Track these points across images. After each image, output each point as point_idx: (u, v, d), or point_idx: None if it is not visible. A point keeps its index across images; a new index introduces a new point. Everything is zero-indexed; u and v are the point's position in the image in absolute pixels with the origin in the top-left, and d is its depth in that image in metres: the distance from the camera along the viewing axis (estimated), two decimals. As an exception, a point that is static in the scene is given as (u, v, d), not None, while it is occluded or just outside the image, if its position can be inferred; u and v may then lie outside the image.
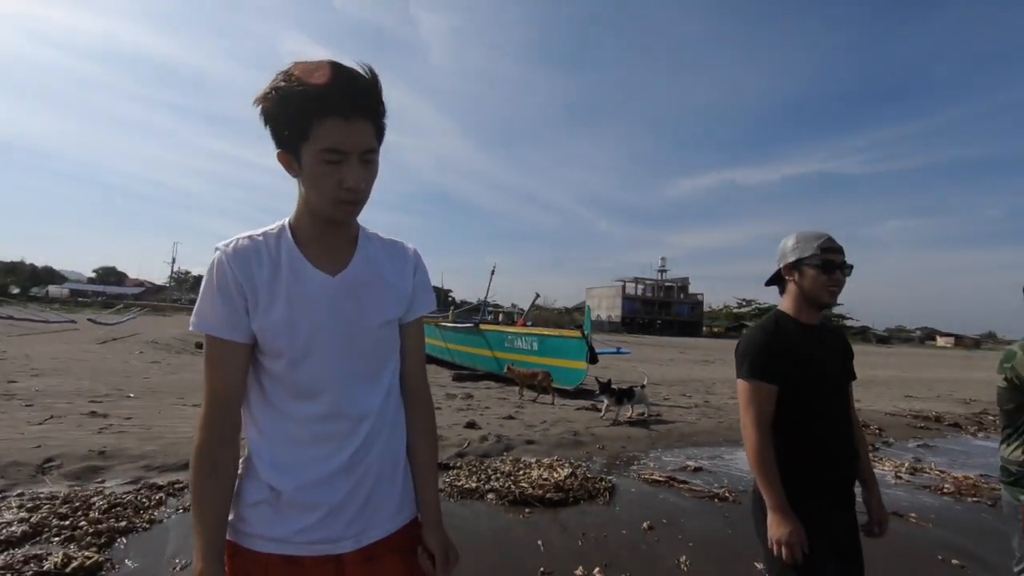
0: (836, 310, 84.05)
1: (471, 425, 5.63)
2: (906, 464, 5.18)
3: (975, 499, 4.26)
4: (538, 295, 12.45)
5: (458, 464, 4.35)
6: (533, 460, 4.54)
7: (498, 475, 4.05)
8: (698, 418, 7.03)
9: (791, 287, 1.79)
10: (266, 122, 1.02)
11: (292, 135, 0.99)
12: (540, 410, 7.08)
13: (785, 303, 1.81)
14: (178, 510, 3.20)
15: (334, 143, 0.97)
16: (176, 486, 3.55)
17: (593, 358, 8.64)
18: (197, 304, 1.07)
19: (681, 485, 4.17)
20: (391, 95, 1.04)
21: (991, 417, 8.64)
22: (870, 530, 1.78)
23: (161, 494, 3.38)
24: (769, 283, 1.90)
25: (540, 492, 3.69)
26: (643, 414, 6.68)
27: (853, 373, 1.84)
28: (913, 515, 3.80)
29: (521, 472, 4.13)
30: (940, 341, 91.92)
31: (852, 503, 1.76)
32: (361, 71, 0.99)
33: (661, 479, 4.28)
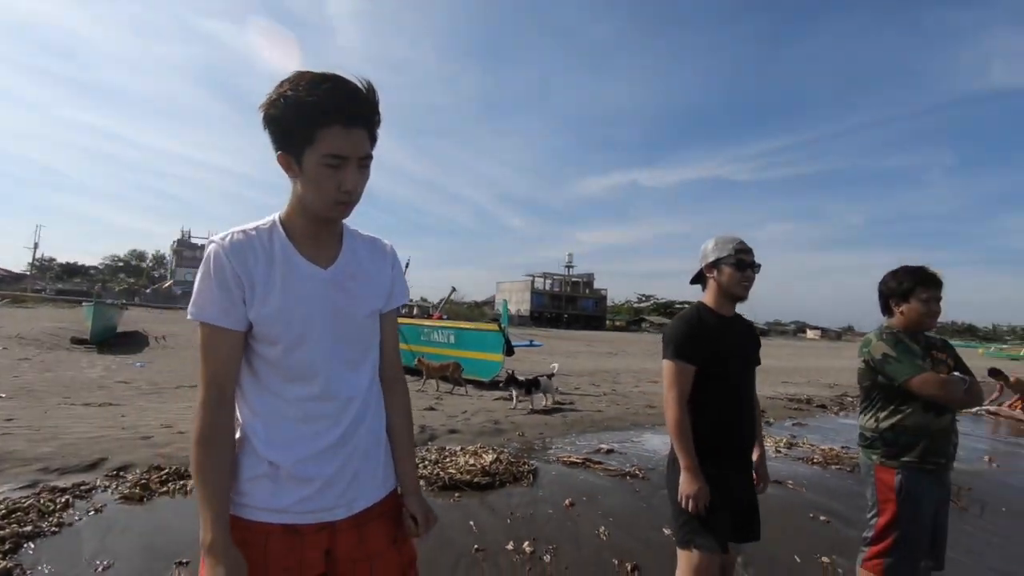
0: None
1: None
2: (784, 440, 5.90)
3: (838, 467, 4.98)
4: (454, 289, 12.58)
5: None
6: (458, 448, 4.69)
7: (426, 463, 4.16)
8: (607, 405, 7.52)
9: (711, 283, 2.09)
10: (270, 125, 1.10)
11: (297, 140, 1.08)
12: (459, 401, 7.23)
13: (706, 297, 2.11)
14: (89, 512, 3.02)
15: (336, 149, 1.07)
16: (82, 488, 3.33)
17: (509, 350, 8.92)
18: (195, 295, 1.12)
19: (596, 466, 4.51)
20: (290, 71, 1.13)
21: (850, 399, 9.96)
22: (756, 487, 2.13)
23: (67, 496, 3.16)
24: (693, 281, 2.19)
25: (468, 477, 3.85)
26: (545, 404, 7.02)
27: (759, 359, 2.17)
28: (790, 482, 4.38)
29: (448, 459, 4.27)
30: (810, 334, 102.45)
31: (750, 466, 2.10)
32: (360, 85, 1.10)
33: (578, 461, 4.59)
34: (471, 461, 4.20)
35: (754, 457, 2.13)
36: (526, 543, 2.99)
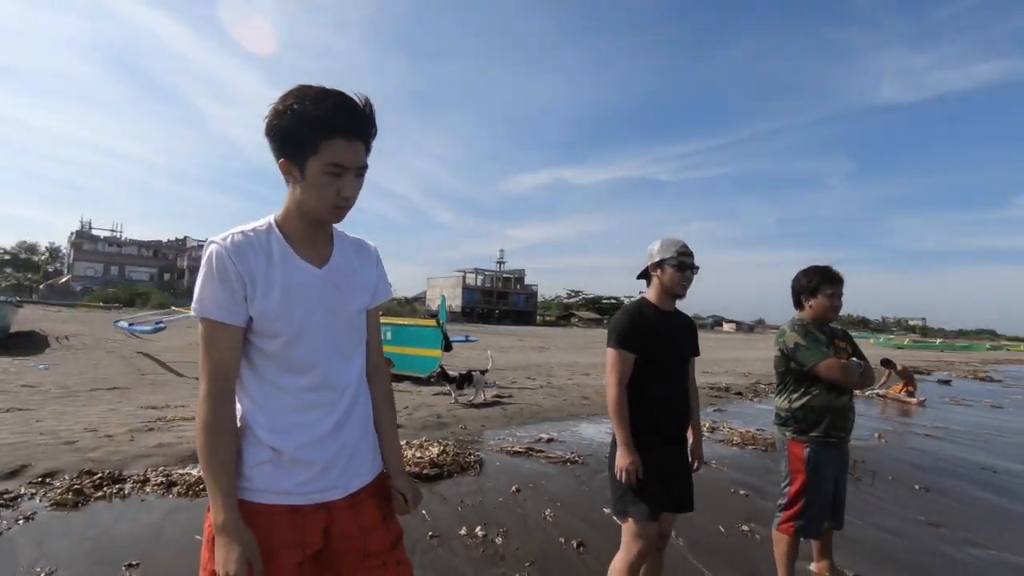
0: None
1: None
2: (707, 425, 6.39)
3: (754, 447, 5.47)
4: (390, 285, 12.36)
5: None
6: (403, 442, 4.75)
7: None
8: (544, 397, 7.80)
9: (655, 280, 2.32)
10: (275, 134, 1.18)
11: (301, 149, 1.17)
12: (398, 397, 7.25)
13: (649, 293, 2.34)
14: (18, 520, 2.87)
15: (338, 159, 1.18)
16: (5, 496, 3.14)
17: (448, 346, 9.01)
18: (197, 292, 1.19)
19: (538, 454, 4.73)
20: (208, 59, 1.22)
21: (763, 386, 10.81)
22: (692, 466, 2.39)
23: (-9, 506, 2.98)
24: (639, 277, 2.42)
25: (417, 469, 3.95)
26: (483, 398, 7.19)
27: (696, 349, 2.42)
28: (714, 462, 4.79)
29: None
30: (726, 327, 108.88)
31: (684, 444, 2.35)
32: (359, 101, 1.20)
33: (521, 450, 4.79)
34: (418, 454, 4.29)
35: (691, 439, 2.39)
36: (478, 528, 3.14)
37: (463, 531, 3.11)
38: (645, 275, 2.36)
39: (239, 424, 1.23)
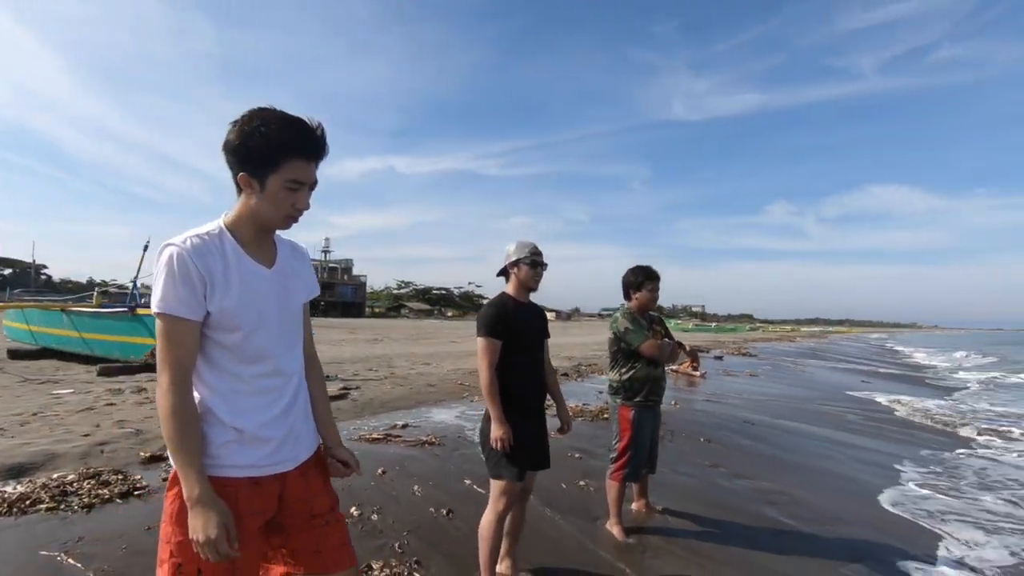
0: (480, 290, 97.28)
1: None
2: (542, 403, 7.17)
3: (582, 418, 6.34)
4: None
5: (174, 453, 4.16)
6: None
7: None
8: (392, 387, 7.97)
9: (512, 277, 2.75)
10: (238, 152, 1.35)
11: (263, 165, 1.36)
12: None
13: (509, 287, 2.77)
14: None
15: (297, 176, 1.39)
16: None
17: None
18: (161, 290, 1.32)
19: (397, 439, 4.97)
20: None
21: (584, 367, 12.19)
22: (563, 430, 2.89)
23: None
24: (499, 274, 2.83)
25: (280, 462, 3.95)
26: None
27: (547, 333, 2.91)
28: (553, 432, 5.49)
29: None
30: (548, 315, 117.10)
31: (543, 414, 2.83)
32: (314, 125, 1.42)
33: (379, 437, 4.99)
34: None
35: (558, 408, 2.88)
36: (352, 508, 3.33)
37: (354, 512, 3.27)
38: (504, 273, 2.77)
39: (200, 410, 1.37)
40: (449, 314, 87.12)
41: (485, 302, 2.88)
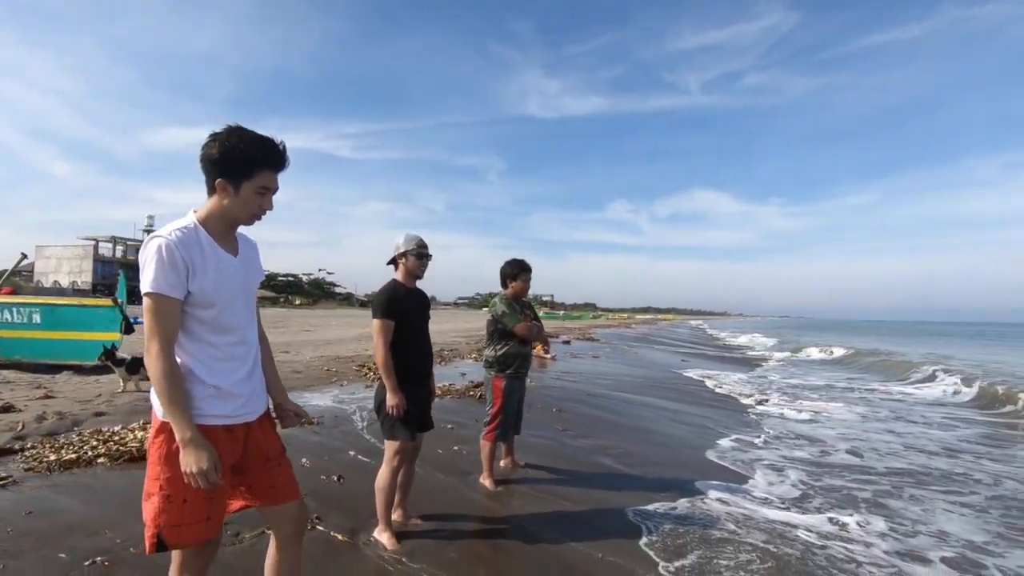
0: (331, 278, 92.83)
1: (7, 408, 4.75)
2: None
3: (450, 396, 6.90)
4: (24, 256, 9.67)
5: (29, 445, 3.92)
6: (118, 427, 4.49)
7: (90, 445, 3.96)
8: (256, 374, 7.82)
9: (401, 266, 3.17)
10: (220, 162, 1.67)
11: (239, 175, 1.70)
12: (81, 386, 6.30)
13: (398, 275, 3.17)
14: None
15: (266, 183, 1.75)
16: None
17: (128, 328, 8.00)
18: (152, 274, 1.61)
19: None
20: None
21: (447, 352, 12.75)
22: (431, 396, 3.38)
23: None
24: (389, 263, 3.22)
25: (158, 446, 3.95)
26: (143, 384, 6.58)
27: (429, 316, 3.35)
28: (424, 410, 5.98)
29: (117, 438, 4.15)
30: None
31: (427, 383, 3.28)
32: (280, 144, 1.78)
33: (256, 420, 5.08)
34: (147, 435, 4.20)
35: (433, 380, 3.37)
36: (246, 481, 3.54)
37: (232, 486, 3.46)
38: (393, 262, 3.18)
39: (183, 372, 1.67)
40: (297, 302, 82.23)
41: (377, 289, 3.26)
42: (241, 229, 1.89)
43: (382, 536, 2.97)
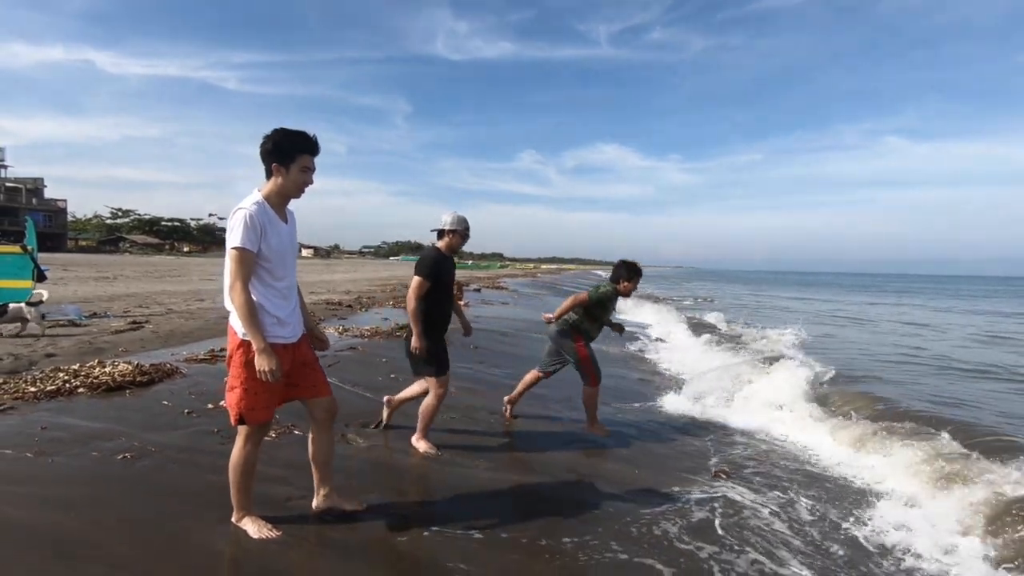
0: (223, 224, 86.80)
1: (-45, 352, 4.94)
2: (340, 328, 8.28)
3: (379, 337, 7.70)
4: None
5: (2, 382, 4.31)
6: (76, 365, 4.89)
7: (61, 379, 4.41)
8: (185, 321, 8.12)
9: (446, 240, 3.88)
10: (275, 151, 2.42)
11: (288, 159, 2.44)
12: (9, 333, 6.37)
13: (441, 245, 3.89)
14: None
15: (306, 165, 2.50)
16: None
17: (40, 275, 7.90)
18: (241, 234, 2.31)
19: (220, 357, 5.67)
20: None
21: (366, 300, 13.32)
22: (466, 334, 4.29)
23: None
24: (434, 230, 3.93)
25: (131, 378, 4.49)
26: (19, 331, 6.78)
27: (455, 280, 4.09)
28: (359, 347, 6.76)
29: (86, 371, 4.61)
30: (304, 252, 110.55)
31: (445, 332, 4.02)
32: (312, 135, 2.51)
33: (206, 357, 5.63)
34: (113, 370, 4.69)
35: (461, 320, 4.20)
36: (222, 402, 4.22)
37: (210, 406, 4.15)
38: (440, 234, 3.89)
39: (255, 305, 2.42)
40: (186, 249, 76.47)
41: (423, 251, 3.95)
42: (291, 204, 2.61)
43: (420, 444, 3.87)
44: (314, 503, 2.80)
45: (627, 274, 4.78)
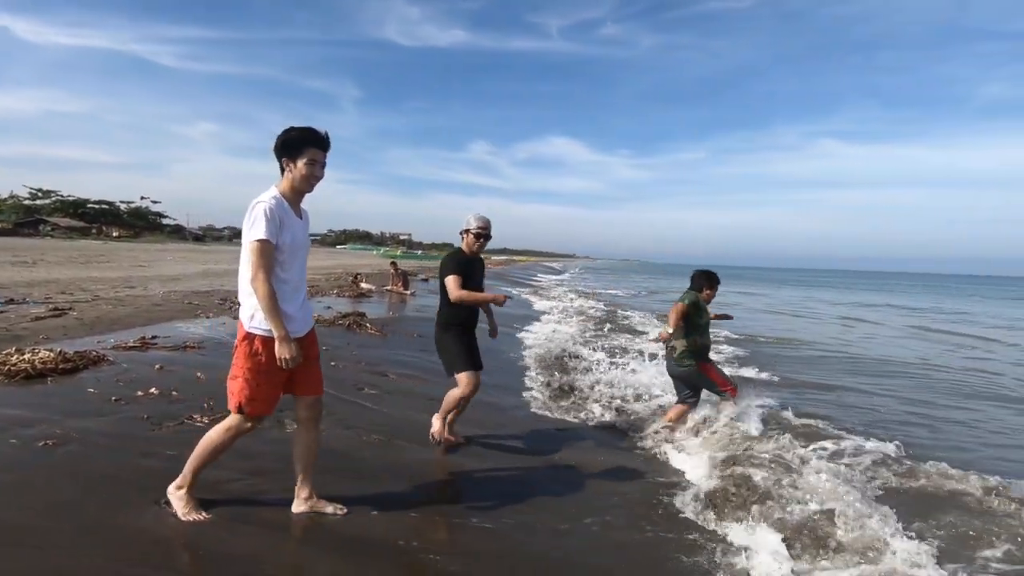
0: (157, 207, 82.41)
1: None
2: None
3: (322, 326, 7.63)
4: None
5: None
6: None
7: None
8: (114, 307, 7.78)
9: (467, 239, 3.92)
10: (284, 146, 2.46)
11: (295, 153, 2.48)
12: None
13: (464, 245, 3.94)
14: None
15: (313, 157, 2.52)
16: None
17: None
18: (263, 226, 2.36)
19: (154, 346, 5.52)
20: None
21: (308, 290, 13.10)
22: (492, 335, 4.27)
23: None
24: (461, 231, 3.95)
25: (53, 365, 4.33)
26: None
27: (483, 278, 4.11)
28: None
29: (2, 358, 4.40)
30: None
31: (474, 330, 4.08)
32: (322, 132, 2.54)
33: (136, 344, 5.46)
34: (40, 356, 4.50)
35: (489, 323, 4.23)
36: (152, 389, 4.15)
37: (140, 393, 4.07)
38: (464, 233, 3.92)
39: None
40: (116, 234, 72.13)
41: (447, 253, 3.99)
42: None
43: (435, 422, 3.92)
44: (294, 506, 2.73)
45: (708, 283, 4.99)
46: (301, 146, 2.46)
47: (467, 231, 3.91)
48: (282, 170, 2.54)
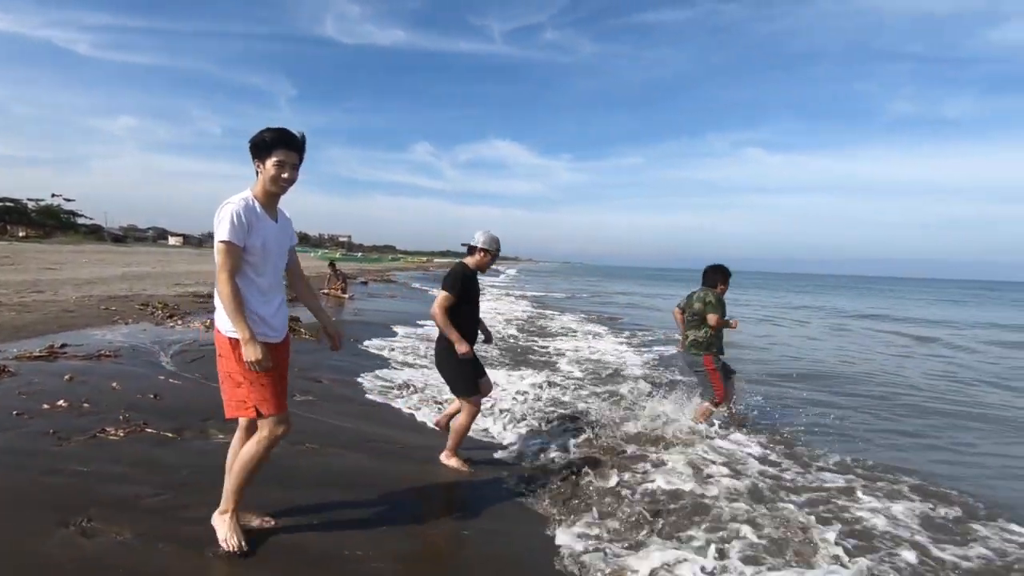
0: (71, 206, 76.80)
1: None
2: (207, 323, 7.76)
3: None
4: None
5: None
6: None
7: None
8: (17, 315, 7.18)
9: (476, 257, 3.79)
10: (254, 147, 2.36)
11: (266, 152, 2.38)
12: None
13: (469, 261, 3.80)
14: None
15: (283, 159, 2.41)
16: None
17: None
18: (227, 228, 2.25)
19: (63, 355, 5.16)
20: None
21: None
22: (487, 341, 4.11)
23: None
24: (464, 244, 3.82)
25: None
26: None
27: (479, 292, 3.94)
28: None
29: None
30: (172, 240, 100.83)
31: (474, 345, 3.87)
32: (297, 134, 2.45)
33: (43, 354, 5.09)
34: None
35: (484, 335, 4.04)
36: (60, 402, 3.89)
37: (46, 407, 3.80)
38: (471, 250, 3.79)
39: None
40: (22, 234, 66.51)
41: (452, 266, 3.81)
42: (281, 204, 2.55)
43: (450, 461, 3.80)
44: (214, 517, 2.56)
45: (723, 277, 5.08)
46: (271, 147, 2.38)
47: (485, 251, 3.80)
48: (256, 171, 2.46)
